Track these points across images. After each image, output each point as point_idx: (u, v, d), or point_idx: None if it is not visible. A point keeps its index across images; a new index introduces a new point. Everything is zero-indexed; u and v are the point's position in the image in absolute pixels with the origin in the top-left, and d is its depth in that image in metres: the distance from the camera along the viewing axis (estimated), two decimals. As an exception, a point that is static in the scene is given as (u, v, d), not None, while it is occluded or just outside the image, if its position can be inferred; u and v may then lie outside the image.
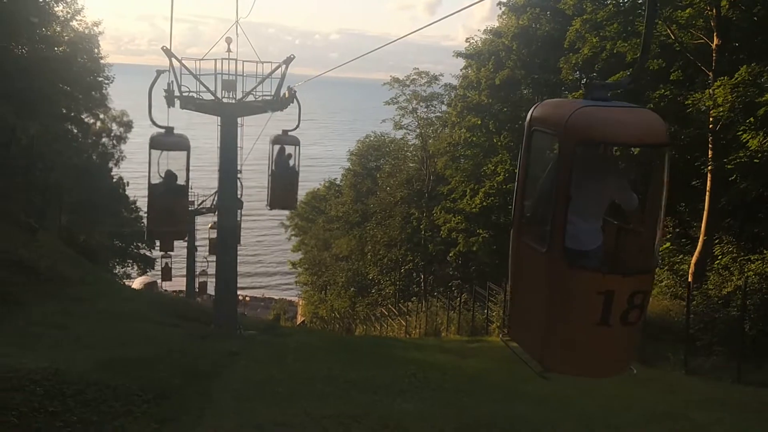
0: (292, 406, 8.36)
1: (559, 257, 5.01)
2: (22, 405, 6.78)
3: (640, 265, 5.32)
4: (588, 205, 5.20)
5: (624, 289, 4.88)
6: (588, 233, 5.21)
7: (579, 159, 5.04)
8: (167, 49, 19.11)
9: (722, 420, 10.46)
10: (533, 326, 5.51)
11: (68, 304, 16.67)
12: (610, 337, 5.02)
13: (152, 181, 18.24)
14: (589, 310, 4.93)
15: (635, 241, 5.47)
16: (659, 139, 5.08)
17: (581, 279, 4.95)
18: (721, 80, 18.21)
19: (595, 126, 4.87)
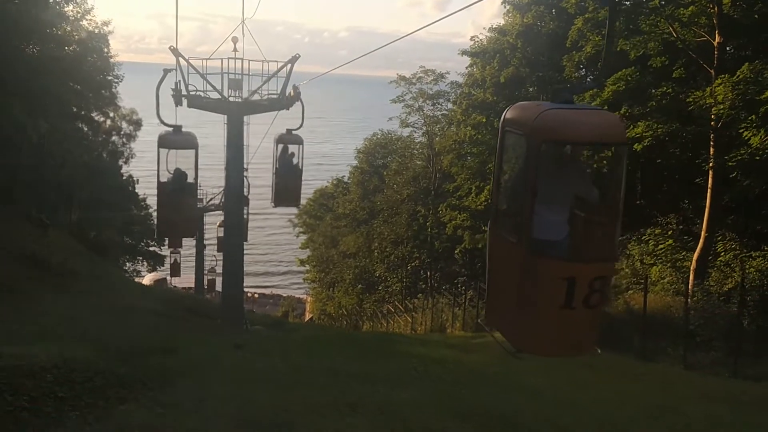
0: (292, 394, 8.65)
1: (528, 247, 5.52)
2: (32, 390, 7.10)
3: (601, 254, 5.80)
4: (555, 199, 5.66)
5: (585, 276, 5.40)
6: (555, 225, 5.66)
7: (545, 157, 5.55)
8: (174, 48, 19.44)
9: (714, 413, 10.66)
10: (506, 311, 6.05)
11: (78, 297, 17.05)
12: (574, 319, 5.53)
13: (161, 180, 18.60)
14: (554, 295, 5.43)
15: (597, 232, 5.90)
16: (617, 138, 5.65)
17: (547, 266, 5.46)
18: (721, 78, 18.36)
19: (558, 127, 5.39)
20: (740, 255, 21.34)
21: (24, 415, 6.65)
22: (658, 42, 22.05)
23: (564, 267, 5.49)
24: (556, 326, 5.65)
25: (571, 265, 5.51)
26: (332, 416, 7.66)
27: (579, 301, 5.46)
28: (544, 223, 5.58)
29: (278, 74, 21.04)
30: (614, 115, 5.84)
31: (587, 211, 5.87)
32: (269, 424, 7.11)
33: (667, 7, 20.91)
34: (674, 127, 20.36)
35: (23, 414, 6.68)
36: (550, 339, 5.81)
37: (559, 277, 5.44)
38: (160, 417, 7.05)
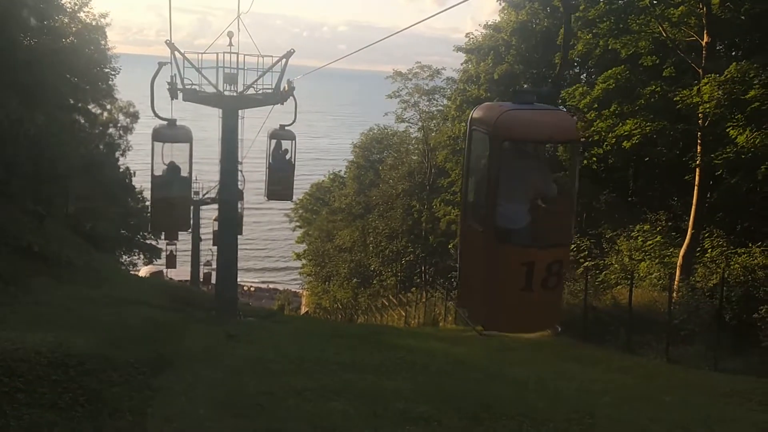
0: (279, 380, 8.97)
1: (491, 235, 6.12)
2: (27, 373, 7.40)
3: (556, 240, 6.39)
4: (516, 191, 6.22)
5: (543, 260, 6.00)
6: (516, 214, 6.23)
7: (506, 153, 6.12)
8: (170, 42, 19.68)
9: (691, 403, 10.99)
10: (475, 294, 6.67)
11: (74, 288, 17.33)
12: (534, 300, 6.14)
13: (155, 173, 18.86)
14: (515, 278, 6.02)
15: (554, 221, 6.46)
16: (570, 136, 6.37)
17: (508, 252, 6.06)
18: (708, 77, 18.67)
19: (517, 126, 6.01)
20: (726, 251, 21.67)
21: (19, 396, 6.96)
22: (649, 41, 22.36)
23: (523, 253, 6.07)
24: (517, 306, 6.24)
25: (530, 250, 6.09)
26: (316, 400, 7.98)
27: (537, 283, 6.04)
28: (506, 214, 6.16)
29: (273, 69, 21.30)
30: (569, 114, 6.43)
31: (545, 202, 6.38)
32: (253, 407, 7.42)
33: (657, 7, 21.19)
34: (662, 125, 20.66)
35: (19, 395, 6.99)
36: (512, 318, 6.45)
37: (520, 261, 6.02)
38: (149, 399, 7.36)
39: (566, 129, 6.33)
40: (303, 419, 7.22)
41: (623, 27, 21.79)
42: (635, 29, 21.43)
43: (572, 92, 22.58)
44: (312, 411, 7.54)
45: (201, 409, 7.15)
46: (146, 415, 6.90)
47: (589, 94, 21.64)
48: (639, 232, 24.89)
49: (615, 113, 21.62)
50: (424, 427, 7.36)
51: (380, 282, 52.08)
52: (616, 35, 21.69)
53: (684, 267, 21.60)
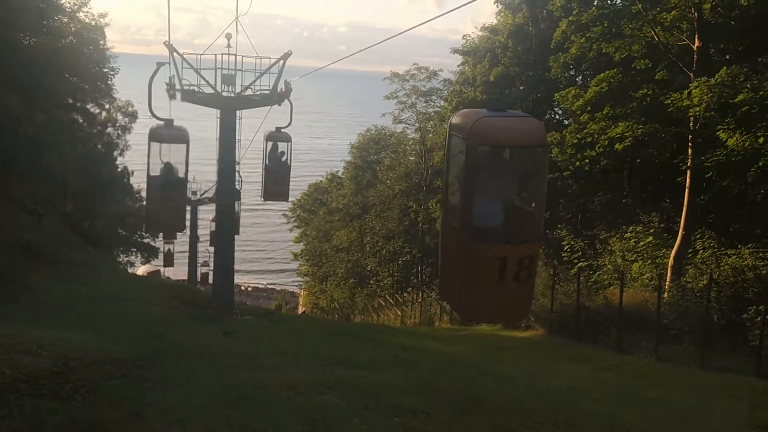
0: (274, 375, 9.21)
1: (468, 232, 6.60)
2: (29, 365, 7.65)
3: (526, 237, 6.93)
4: (491, 192, 6.74)
5: (514, 255, 6.49)
6: (490, 214, 6.76)
7: (481, 157, 6.61)
8: (168, 43, 19.89)
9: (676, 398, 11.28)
10: (453, 287, 7.21)
11: (73, 286, 17.52)
12: (507, 292, 6.65)
13: (151, 174, 19.05)
14: (490, 272, 6.50)
15: (525, 219, 6.99)
16: (539, 141, 6.77)
17: (483, 248, 6.54)
18: (698, 81, 18.97)
19: (490, 132, 6.47)
20: (716, 252, 21.97)
21: (21, 387, 7.22)
22: (642, 44, 22.66)
23: (497, 248, 6.55)
24: (492, 298, 6.75)
25: (503, 246, 6.58)
26: (309, 393, 8.23)
27: (510, 277, 6.54)
28: (481, 213, 6.64)
29: (271, 70, 21.53)
30: (538, 121, 6.94)
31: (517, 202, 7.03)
32: (248, 399, 7.67)
33: (649, 12, 21.48)
34: (654, 128, 20.96)
35: (21, 386, 7.24)
36: (488, 309, 6.99)
37: (494, 257, 6.50)
38: (147, 390, 7.62)
39: (535, 135, 6.74)
40: (296, 411, 7.47)
41: (616, 31, 22.08)
42: (628, 33, 21.72)
43: (565, 95, 22.86)
44: (304, 404, 7.79)
45: (197, 400, 7.40)
46: (144, 404, 7.15)
47: (582, 96, 21.91)
48: (632, 233, 25.16)
49: (608, 116, 21.92)
50: (413, 419, 7.61)
51: (377, 282, 52.31)
52: (608, 39, 21.97)
53: (675, 268, 21.92)
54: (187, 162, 18.82)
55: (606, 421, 8.81)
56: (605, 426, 8.55)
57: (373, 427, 7.23)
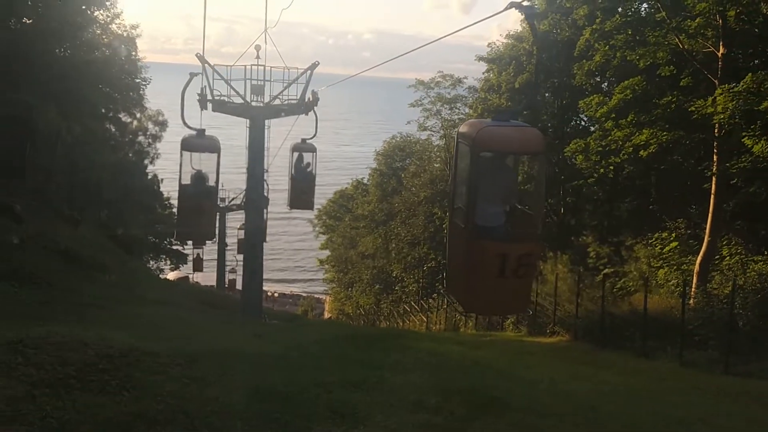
0: (303, 374, 9.65)
1: (472, 231, 7.30)
2: (77, 362, 8.17)
3: (525, 236, 7.54)
4: (493, 195, 7.42)
5: (514, 252, 7.15)
6: (493, 214, 7.43)
7: (484, 163, 7.31)
8: (201, 55, 20.55)
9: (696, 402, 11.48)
10: (458, 281, 7.87)
11: (109, 289, 18.18)
12: (507, 286, 7.29)
13: (183, 182, 19.65)
14: (491, 268, 7.14)
15: (524, 220, 7.68)
16: (537, 149, 7.52)
17: (485, 246, 7.20)
18: (722, 88, 19.08)
19: (492, 140, 7.19)
20: (743, 259, 21.99)
21: (72, 382, 7.74)
22: (667, 52, 22.77)
23: (498, 246, 7.20)
24: (494, 292, 7.41)
25: (503, 244, 7.23)
26: (336, 391, 8.64)
27: (510, 272, 7.16)
28: (484, 213, 7.33)
29: (298, 81, 22.11)
30: (537, 131, 7.62)
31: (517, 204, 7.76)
32: (279, 395, 8.11)
33: (674, 20, 21.60)
34: (678, 134, 21.08)
35: (71, 381, 7.77)
36: (489, 301, 7.69)
37: (495, 253, 7.15)
38: (187, 386, 8.10)
39: (534, 143, 7.42)
40: (324, 406, 7.88)
41: (640, 39, 22.23)
42: (652, 41, 21.86)
43: (589, 102, 23.06)
44: (332, 400, 8.20)
45: (233, 395, 7.85)
46: (185, 399, 7.62)
47: (606, 104, 22.10)
48: (657, 239, 25.24)
49: (632, 123, 22.07)
50: (436, 416, 7.98)
51: (402, 288, 52.62)
52: (632, 47, 22.13)
53: (701, 274, 21.95)
54: (218, 171, 19.38)
55: (625, 422, 9.08)
56: (624, 426, 8.82)
57: (398, 422, 7.61)
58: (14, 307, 12.57)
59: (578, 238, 31.17)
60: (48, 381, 7.74)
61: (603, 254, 27.27)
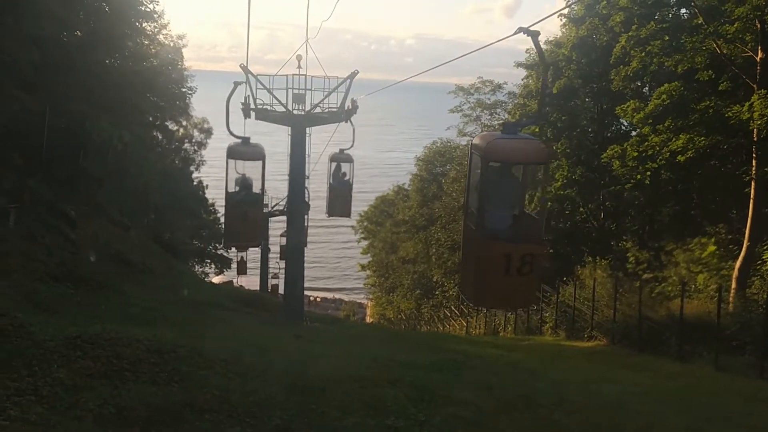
0: (340, 371, 10.16)
1: (481, 233, 8.10)
2: (130, 356, 8.84)
3: (528, 238, 8.28)
4: (501, 201, 8.21)
5: (517, 253, 7.88)
6: (501, 218, 8.22)
7: (493, 172, 8.07)
8: (244, 66, 21.29)
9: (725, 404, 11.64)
10: (469, 278, 8.73)
11: (158, 291, 19.04)
12: (511, 283, 7.99)
13: (229, 190, 20.34)
14: (498, 266, 7.88)
15: (530, 223, 8.44)
16: (540, 159, 8.28)
17: (493, 247, 7.98)
18: (758, 93, 19.05)
19: (500, 151, 7.93)
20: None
21: (126, 374, 8.40)
22: (705, 56, 22.74)
23: (504, 247, 7.94)
24: (500, 288, 8.13)
25: (509, 245, 7.96)
26: (372, 387, 9.13)
27: (514, 270, 7.86)
28: (493, 217, 8.10)
29: (338, 89, 22.71)
30: (540, 143, 8.42)
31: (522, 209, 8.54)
32: (317, 389, 8.64)
33: (711, 25, 21.59)
34: (716, 139, 21.06)
35: (125, 373, 8.43)
36: (496, 297, 8.47)
37: (501, 254, 7.88)
38: (230, 379, 8.69)
39: (538, 154, 8.19)
40: (359, 400, 8.38)
41: (676, 45, 22.26)
42: (689, 48, 21.88)
43: (626, 108, 23.15)
44: (367, 394, 8.70)
45: (273, 388, 8.41)
46: (229, 391, 8.21)
47: (643, 110, 22.18)
48: (696, 244, 25.12)
49: (669, 128, 22.10)
50: (464, 410, 8.41)
51: (443, 293, 52.85)
52: (668, 53, 22.18)
53: (740, 279, 21.86)
54: (263, 178, 20.01)
55: (649, 419, 9.34)
56: (647, 423, 9.08)
57: (427, 414, 8.06)
58: (71, 307, 13.40)
59: (618, 243, 31.09)
60: (104, 372, 8.43)
61: (642, 259, 27.18)
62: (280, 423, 7.20)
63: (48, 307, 12.90)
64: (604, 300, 24.12)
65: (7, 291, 12.66)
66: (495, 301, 8.85)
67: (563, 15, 35.44)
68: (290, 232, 24.23)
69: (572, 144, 33.87)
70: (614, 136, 34.41)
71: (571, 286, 26.59)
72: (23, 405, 7.24)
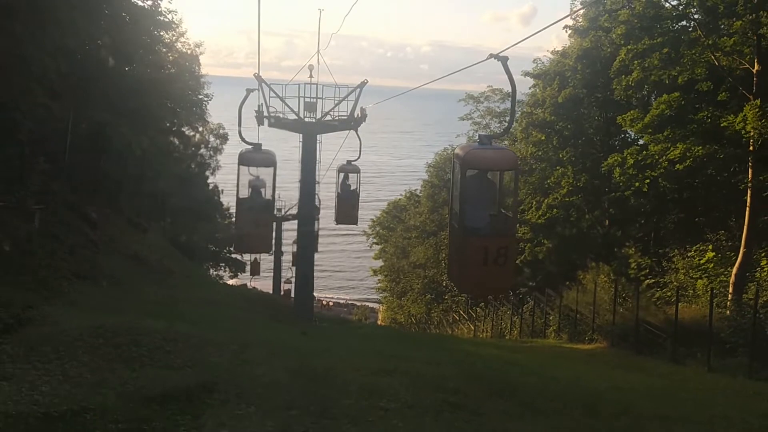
0: (342, 362, 10.99)
1: (463, 230, 9.53)
2: (148, 344, 9.73)
3: (502, 232, 9.87)
4: (479, 202, 9.65)
5: (493, 246, 9.40)
6: (479, 217, 9.59)
7: (472, 178, 9.53)
8: (258, 75, 22.24)
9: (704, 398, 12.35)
10: (454, 268, 10.37)
11: (173, 290, 19.98)
12: (489, 272, 9.47)
13: (240, 196, 21.17)
14: (477, 258, 9.37)
15: (504, 220, 9.99)
16: (510, 166, 9.88)
17: (472, 241, 9.47)
18: (750, 104, 19.70)
19: (475, 160, 9.49)
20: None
21: (144, 360, 9.30)
22: (704, 68, 23.36)
23: (481, 241, 9.41)
24: (479, 277, 9.62)
25: (486, 239, 9.43)
26: (369, 375, 9.93)
27: (491, 261, 9.33)
28: (471, 216, 9.50)
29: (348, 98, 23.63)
30: (511, 151, 10.25)
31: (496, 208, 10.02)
32: (318, 376, 9.46)
33: (710, 38, 22.21)
34: (713, 148, 21.69)
35: (144, 359, 9.33)
36: (476, 283, 10.00)
37: (479, 247, 9.34)
38: (240, 365, 9.56)
39: (510, 161, 9.77)
40: (357, 386, 9.17)
41: (675, 56, 22.90)
42: (686, 60, 22.51)
43: (626, 117, 23.82)
44: (365, 381, 9.49)
45: (278, 373, 9.24)
46: (237, 374, 9.06)
47: (642, 120, 22.85)
48: (696, 251, 25.73)
49: (668, 137, 22.75)
50: (452, 395, 9.17)
51: (452, 297, 53.42)
52: (668, 65, 22.81)
53: (736, 284, 22.44)
54: (274, 183, 20.78)
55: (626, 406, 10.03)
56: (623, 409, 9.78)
57: (417, 399, 8.85)
58: (93, 302, 14.34)
59: (621, 249, 31.71)
60: (124, 358, 9.33)
61: (644, 265, 27.82)
62: (283, 402, 8.00)
63: (72, 301, 13.86)
64: (605, 304, 24.78)
65: (35, 287, 13.62)
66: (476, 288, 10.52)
67: (568, 27, 36.19)
68: (301, 234, 25.15)
69: (577, 152, 34.59)
70: (620, 144, 35.03)
71: (574, 290, 27.28)
72: (53, 384, 8.15)
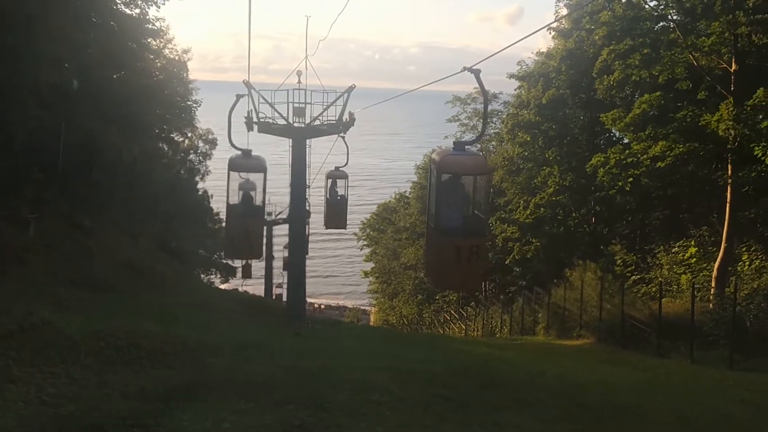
0: (335, 360, 11.39)
1: (437, 230, 10.26)
2: (147, 347, 10.06)
3: (474, 232, 10.44)
4: (453, 203, 10.27)
5: (466, 245, 10.00)
6: (453, 218, 10.23)
7: (447, 181, 10.15)
8: (247, 81, 22.52)
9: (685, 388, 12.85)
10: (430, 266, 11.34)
11: (166, 295, 20.29)
12: (462, 269, 10.10)
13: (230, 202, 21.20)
14: (450, 256, 9.98)
15: (477, 221, 10.55)
16: (481, 170, 10.48)
17: (446, 241, 10.10)
18: (725, 104, 20.25)
19: (449, 165, 10.11)
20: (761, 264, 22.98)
21: (144, 362, 9.64)
22: (684, 68, 23.93)
23: (455, 240, 9.98)
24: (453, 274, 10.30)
25: (459, 239, 10.01)
26: (363, 372, 10.31)
27: (464, 259, 9.91)
28: (446, 217, 10.16)
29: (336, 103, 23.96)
30: (482, 156, 11.20)
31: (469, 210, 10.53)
32: (313, 373, 9.83)
33: (688, 38, 22.77)
34: (693, 146, 22.24)
35: (143, 361, 9.67)
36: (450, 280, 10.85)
37: (452, 246, 9.95)
38: (237, 364, 9.93)
39: (478, 166, 10.38)
40: (349, 382, 9.53)
41: (656, 56, 23.44)
42: (666, 60, 23.05)
43: (608, 116, 24.34)
44: (357, 377, 9.86)
45: (274, 371, 9.61)
46: (234, 372, 9.43)
47: (623, 120, 23.38)
48: (680, 247, 26.28)
49: (650, 136, 23.29)
50: (441, 389, 9.57)
51: (443, 297, 53.93)
52: (648, 65, 23.35)
53: (719, 279, 23.00)
54: (264, 189, 20.95)
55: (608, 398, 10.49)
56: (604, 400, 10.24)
57: (408, 392, 9.24)
58: (90, 308, 14.67)
59: (607, 246, 32.26)
60: (126, 360, 9.66)
61: (630, 261, 28.35)
62: (279, 398, 8.37)
63: (69, 308, 14.18)
64: (592, 301, 25.29)
65: (34, 295, 13.94)
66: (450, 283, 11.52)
67: (552, 29, 36.78)
68: (292, 237, 25.48)
69: (563, 152, 35.12)
70: (605, 143, 35.60)
71: (562, 288, 27.78)
72: (59, 385, 8.48)
